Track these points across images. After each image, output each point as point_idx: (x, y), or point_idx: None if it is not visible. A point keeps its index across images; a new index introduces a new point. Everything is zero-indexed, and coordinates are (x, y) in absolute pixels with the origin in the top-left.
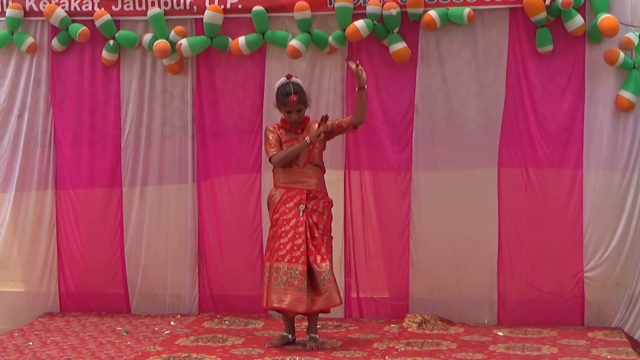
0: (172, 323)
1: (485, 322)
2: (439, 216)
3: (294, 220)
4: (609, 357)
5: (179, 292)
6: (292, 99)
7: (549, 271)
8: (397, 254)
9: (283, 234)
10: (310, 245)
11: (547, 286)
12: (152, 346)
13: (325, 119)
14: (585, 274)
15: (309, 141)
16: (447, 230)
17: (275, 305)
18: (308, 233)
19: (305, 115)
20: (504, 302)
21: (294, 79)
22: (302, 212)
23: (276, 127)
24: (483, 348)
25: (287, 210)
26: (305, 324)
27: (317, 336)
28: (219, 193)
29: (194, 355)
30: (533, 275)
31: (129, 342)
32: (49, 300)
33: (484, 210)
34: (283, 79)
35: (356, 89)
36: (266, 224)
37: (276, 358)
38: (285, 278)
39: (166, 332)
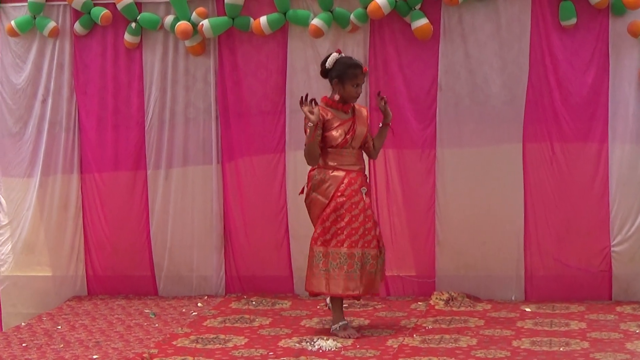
0: (199, 304)
1: (513, 298)
2: (464, 193)
3: (362, 204)
4: (637, 331)
5: (206, 273)
6: (365, 69)
7: (576, 246)
8: (423, 232)
9: (354, 218)
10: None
11: (574, 261)
12: (180, 328)
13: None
14: (612, 249)
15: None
16: (472, 207)
17: (354, 293)
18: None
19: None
20: (531, 278)
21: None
22: (365, 194)
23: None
24: (511, 324)
25: (353, 193)
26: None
27: None
28: (243, 174)
29: (222, 336)
30: (560, 250)
31: (156, 325)
32: (77, 284)
33: (509, 186)
34: (335, 54)
35: (379, 125)
36: (292, 204)
37: (304, 337)
38: (360, 264)
39: (194, 313)
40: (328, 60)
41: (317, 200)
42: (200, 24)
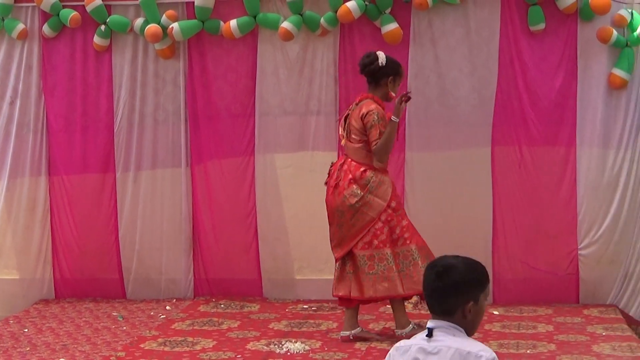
0: (167, 307)
1: None
2: (433, 196)
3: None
4: (604, 334)
5: (174, 276)
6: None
7: (544, 249)
8: None
9: (405, 217)
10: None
11: (542, 264)
12: (148, 331)
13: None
14: (579, 252)
15: (397, 119)
16: (441, 210)
17: (415, 291)
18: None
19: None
20: (499, 281)
21: None
22: None
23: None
24: (479, 327)
25: (397, 193)
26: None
27: None
28: (212, 176)
29: (190, 339)
30: (528, 253)
31: (124, 328)
32: (44, 287)
33: (478, 190)
34: (382, 52)
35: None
36: (261, 206)
37: (272, 340)
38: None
39: (162, 316)
40: (380, 58)
41: (373, 202)
42: (170, 27)
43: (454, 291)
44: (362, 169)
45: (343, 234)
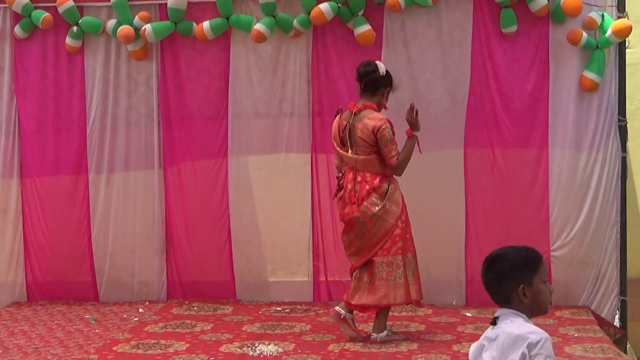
0: (140, 310)
1: (454, 303)
2: (406, 198)
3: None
4: (576, 335)
5: (147, 279)
6: None
7: None
8: None
9: (409, 224)
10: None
11: None
12: (120, 333)
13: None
14: (551, 253)
15: (418, 133)
16: (414, 213)
17: (419, 295)
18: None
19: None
20: (471, 282)
21: None
22: None
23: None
24: (452, 329)
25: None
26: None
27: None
28: (185, 179)
29: (162, 341)
30: None
31: (97, 330)
32: (16, 290)
33: (450, 191)
34: (380, 62)
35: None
36: (234, 209)
37: (245, 342)
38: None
39: (135, 319)
40: (380, 68)
41: (391, 210)
42: (143, 28)
43: (502, 279)
44: (378, 179)
45: (364, 243)
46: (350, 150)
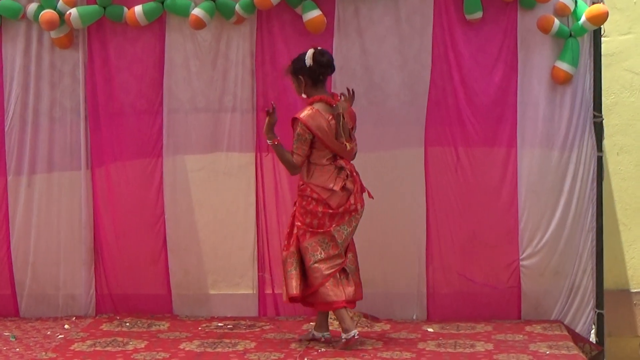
0: (66, 326)
1: (414, 317)
2: None
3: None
4: (548, 352)
5: (73, 291)
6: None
7: (482, 260)
8: None
9: None
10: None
11: (480, 277)
12: (44, 352)
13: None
14: (521, 263)
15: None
16: (370, 217)
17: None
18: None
19: (314, 95)
20: (433, 295)
21: (308, 51)
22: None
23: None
24: (412, 346)
25: None
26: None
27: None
28: (115, 180)
29: None
30: (465, 265)
31: (17, 349)
32: None
33: (410, 195)
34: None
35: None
36: (170, 214)
37: None
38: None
39: (60, 336)
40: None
41: None
42: (68, 13)
43: None
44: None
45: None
46: (348, 144)
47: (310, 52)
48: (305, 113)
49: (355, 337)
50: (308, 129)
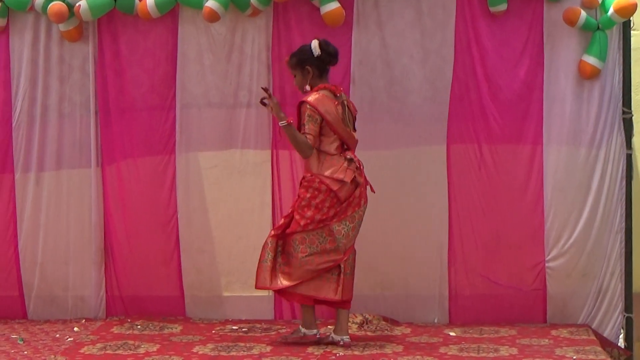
0: (75, 329)
1: (435, 321)
2: (381, 201)
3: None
4: (574, 357)
5: (83, 293)
6: (286, 60)
7: (506, 262)
8: None
9: None
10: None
11: (504, 279)
12: (52, 356)
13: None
14: (547, 264)
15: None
16: (389, 217)
17: None
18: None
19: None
20: (455, 297)
21: (312, 42)
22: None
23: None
24: (433, 350)
25: None
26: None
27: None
28: (126, 178)
29: None
30: (488, 266)
31: (25, 352)
32: None
33: (431, 194)
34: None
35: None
36: (183, 212)
37: None
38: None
39: (69, 339)
40: None
41: None
42: (77, 4)
43: None
44: None
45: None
46: (354, 132)
47: (315, 42)
48: (313, 97)
49: (317, 336)
50: (317, 111)
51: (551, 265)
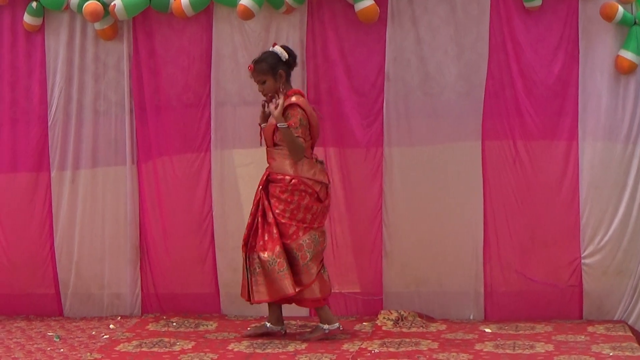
0: (111, 326)
1: (471, 317)
2: (415, 198)
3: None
4: (611, 354)
5: (119, 290)
6: (250, 68)
7: (542, 258)
8: (368, 243)
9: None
10: (260, 230)
11: (540, 275)
12: (88, 353)
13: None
14: (583, 261)
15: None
16: (424, 214)
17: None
18: (259, 217)
19: (290, 88)
20: (491, 294)
21: (275, 47)
22: (259, 192)
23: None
24: (468, 347)
25: (256, 192)
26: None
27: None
28: (162, 176)
29: None
30: (524, 263)
31: (62, 350)
32: None
33: (466, 190)
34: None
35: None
36: (218, 210)
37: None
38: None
39: (105, 336)
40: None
41: None
42: (113, 3)
43: None
44: None
45: None
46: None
47: (278, 47)
48: (299, 99)
49: (340, 328)
50: (305, 114)
51: (587, 262)
